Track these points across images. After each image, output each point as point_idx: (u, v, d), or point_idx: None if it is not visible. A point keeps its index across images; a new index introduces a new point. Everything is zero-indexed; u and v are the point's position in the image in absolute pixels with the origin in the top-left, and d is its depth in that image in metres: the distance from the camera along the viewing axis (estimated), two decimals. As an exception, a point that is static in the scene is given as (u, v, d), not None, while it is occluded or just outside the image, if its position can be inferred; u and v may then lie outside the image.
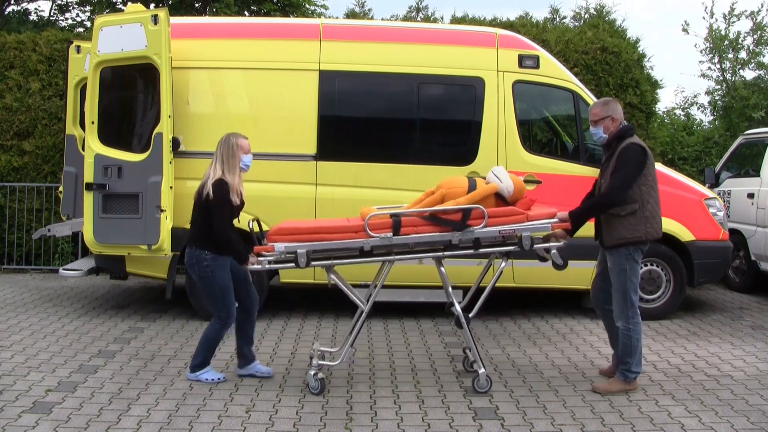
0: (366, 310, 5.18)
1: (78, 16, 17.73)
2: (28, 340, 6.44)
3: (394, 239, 4.98)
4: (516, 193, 5.24)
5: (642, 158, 5.03)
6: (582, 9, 13.65)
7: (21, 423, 4.48)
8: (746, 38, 14.01)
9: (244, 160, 5.25)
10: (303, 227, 5.09)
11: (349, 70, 7.38)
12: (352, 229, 5.03)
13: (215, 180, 5.11)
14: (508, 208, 5.14)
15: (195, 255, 5.19)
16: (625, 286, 5.14)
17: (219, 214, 5.09)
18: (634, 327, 5.14)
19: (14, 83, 10.36)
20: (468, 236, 5.02)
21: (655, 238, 5.15)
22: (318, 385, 5.09)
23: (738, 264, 9.33)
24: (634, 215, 5.03)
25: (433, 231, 5.03)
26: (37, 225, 10.00)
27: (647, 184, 5.06)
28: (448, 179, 5.44)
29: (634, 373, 5.20)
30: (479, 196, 5.10)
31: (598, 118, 5.21)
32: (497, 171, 5.27)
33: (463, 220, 4.98)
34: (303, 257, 4.91)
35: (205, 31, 7.67)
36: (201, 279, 5.22)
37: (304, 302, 8.30)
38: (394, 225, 4.97)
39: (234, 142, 5.19)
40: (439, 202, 5.17)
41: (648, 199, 5.07)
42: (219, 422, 4.56)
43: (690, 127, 13.25)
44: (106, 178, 6.83)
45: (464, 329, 5.17)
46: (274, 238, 5.00)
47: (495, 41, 7.54)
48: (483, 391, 5.11)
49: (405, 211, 5.14)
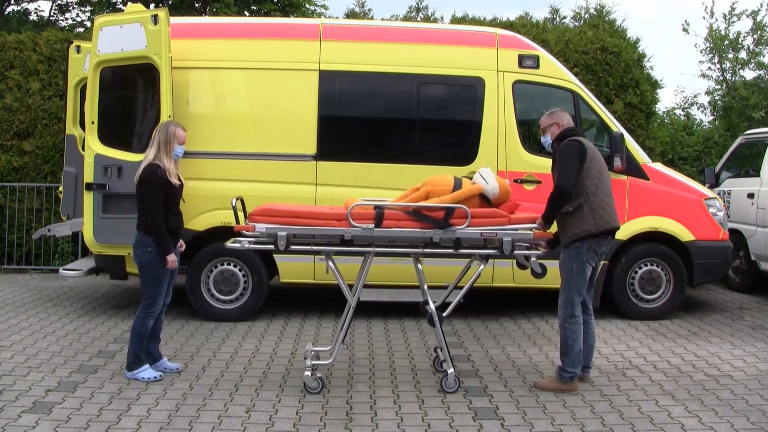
0: (352, 305, 5.18)
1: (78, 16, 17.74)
2: (28, 340, 6.44)
3: (376, 231, 4.95)
4: (501, 195, 5.23)
5: (578, 150, 5.10)
6: (582, 9, 13.67)
7: (21, 423, 4.47)
8: (746, 38, 14.01)
9: (177, 150, 5.33)
10: (285, 210, 5.06)
11: (349, 70, 7.38)
12: (335, 217, 5.02)
13: (147, 164, 5.22)
14: (490, 210, 5.12)
15: (142, 240, 5.25)
16: (569, 285, 5.15)
17: (149, 199, 5.19)
18: (570, 327, 5.15)
19: (14, 83, 10.36)
20: (449, 235, 5.01)
21: (607, 229, 5.11)
22: (317, 384, 5.09)
23: (738, 264, 9.33)
24: (581, 210, 5.06)
25: (415, 227, 5.02)
26: (37, 225, 10.00)
27: (590, 177, 5.08)
28: (434, 177, 5.41)
29: (569, 373, 5.18)
30: (464, 196, 5.09)
31: (545, 126, 5.40)
32: (484, 172, 5.27)
33: (446, 218, 4.97)
34: (283, 240, 4.90)
35: (205, 31, 7.67)
36: (140, 263, 5.29)
37: (304, 302, 8.30)
38: (376, 216, 4.94)
39: (172, 130, 5.31)
40: (423, 198, 5.17)
41: (594, 191, 5.08)
42: (219, 422, 4.56)
43: (690, 127, 13.25)
44: (106, 178, 6.84)
45: (436, 328, 5.17)
46: (256, 218, 4.99)
47: (495, 41, 7.54)
48: (451, 391, 5.11)
49: (388, 204, 5.15)
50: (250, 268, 7.34)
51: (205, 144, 7.21)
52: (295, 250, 5.09)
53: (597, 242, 5.12)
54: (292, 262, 7.27)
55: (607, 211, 5.12)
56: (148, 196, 5.19)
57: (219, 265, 7.36)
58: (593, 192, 5.08)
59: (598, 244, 5.14)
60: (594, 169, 5.12)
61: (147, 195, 5.19)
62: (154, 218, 5.18)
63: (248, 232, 4.96)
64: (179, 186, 5.34)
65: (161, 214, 5.20)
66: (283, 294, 8.68)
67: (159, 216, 5.19)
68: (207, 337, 6.67)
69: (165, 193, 5.21)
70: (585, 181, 5.08)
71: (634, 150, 7.59)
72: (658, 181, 7.60)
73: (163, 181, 5.18)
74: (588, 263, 5.15)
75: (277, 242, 4.92)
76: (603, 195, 5.13)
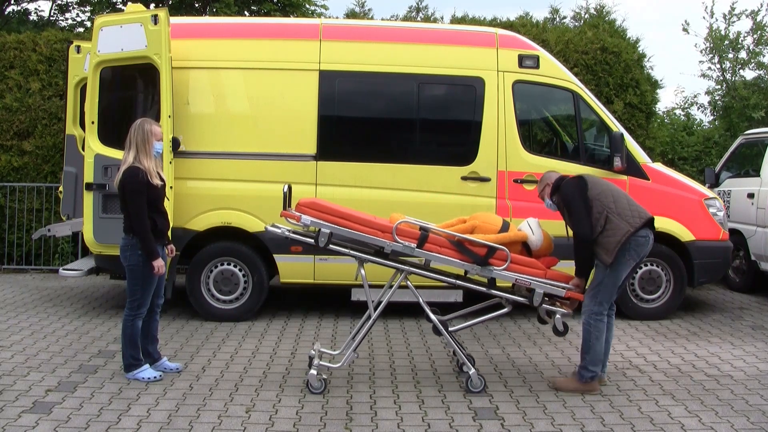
0: (374, 317, 5.20)
1: (78, 16, 17.73)
2: (28, 340, 6.44)
3: (416, 251, 5.05)
4: (542, 249, 5.33)
5: (575, 186, 5.19)
6: (582, 9, 13.65)
7: (21, 423, 4.48)
8: (746, 38, 14.01)
9: (156, 147, 5.28)
10: (333, 208, 5.11)
11: (349, 70, 7.38)
12: (379, 228, 5.09)
13: (126, 168, 5.16)
14: (530, 260, 5.23)
15: (130, 243, 5.21)
16: (607, 284, 5.16)
17: (132, 204, 5.13)
18: (595, 324, 5.16)
19: (14, 83, 10.36)
20: (485, 273, 5.12)
21: (643, 220, 5.12)
22: (320, 384, 5.10)
23: (738, 264, 9.33)
24: (610, 221, 5.08)
25: (454, 257, 5.11)
26: (37, 225, 10.00)
27: (601, 194, 5.14)
28: (482, 214, 5.60)
29: (590, 372, 5.18)
30: (508, 239, 5.20)
31: (540, 194, 5.48)
32: (531, 223, 5.38)
33: (486, 256, 5.07)
34: (325, 237, 4.97)
35: (205, 31, 7.67)
36: (129, 266, 5.24)
37: (304, 302, 8.30)
38: (420, 237, 5.05)
39: (148, 128, 5.23)
40: (469, 232, 5.27)
41: (613, 200, 5.15)
42: (219, 422, 4.56)
43: (690, 127, 13.24)
44: (106, 178, 6.83)
45: (443, 335, 5.25)
46: (303, 209, 5.03)
47: (495, 41, 7.54)
48: (477, 390, 5.12)
49: (435, 228, 5.22)
50: (250, 268, 7.34)
51: (205, 144, 7.22)
52: (332, 249, 5.12)
53: (637, 241, 5.13)
54: (292, 262, 7.28)
55: (633, 208, 5.18)
56: (130, 201, 5.13)
57: (219, 265, 7.35)
58: (611, 201, 5.13)
59: (638, 243, 5.15)
60: (599, 185, 5.21)
61: (129, 200, 5.13)
62: (138, 223, 5.12)
63: (293, 221, 5.02)
64: (161, 186, 5.29)
65: (145, 219, 5.13)
66: (283, 294, 8.68)
67: (143, 221, 5.12)
68: (207, 337, 6.67)
69: (147, 195, 5.15)
70: (600, 199, 5.12)
71: (634, 150, 7.59)
72: (658, 181, 7.59)
73: (144, 183, 5.12)
74: (629, 263, 5.17)
75: (318, 237, 4.98)
76: (622, 199, 5.20)
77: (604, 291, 5.17)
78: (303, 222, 4.98)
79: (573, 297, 5.20)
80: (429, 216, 7.17)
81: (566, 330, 5.25)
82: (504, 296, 5.31)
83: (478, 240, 5.10)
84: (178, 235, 6.96)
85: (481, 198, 7.34)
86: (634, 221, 5.10)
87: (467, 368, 5.20)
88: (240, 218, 7.24)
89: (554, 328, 5.24)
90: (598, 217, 5.08)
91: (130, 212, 5.16)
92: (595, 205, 5.10)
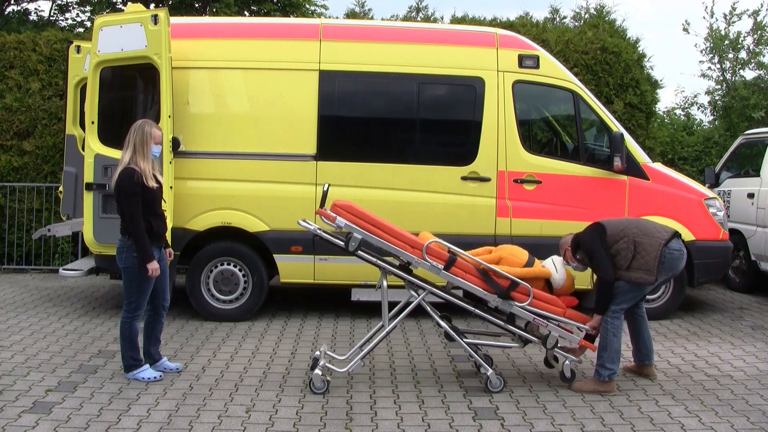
0: (387, 329, 5.20)
1: (78, 16, 17.69)
2: (28, 340, 6.44)
3: (442, 273, 5.08)
4: (564, 288, 5.39)
5: (593, 234, 5.27)
6: (582, 9, 13.65)
7: (21, 423, 4.48)
8: (746, 38, 14.00)
9: (154, 150, 5.25)
10: (368, 215, 5.12)
11: (349, 70, 7.38)
12: (409, 242, 5.13)
13: (122, 169, 5.13)
14: (551, 296, 5.28)
15: (127, 245, 5.18)
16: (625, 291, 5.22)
17: (128, 206, 5.11)
18: (611, 320, 5.20)
19: (14, 83, 10.36)
20: (505, 307, 5.14)
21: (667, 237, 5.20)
22: (323, 385, 5.11)
23: (738, 264, 9.33)
24: (637, 257, 5.14)
25: (478, 285, 5.13)
26: (37, 225, 10.00)
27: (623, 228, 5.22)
28: (510, 246, 5.68)
29: (608, 370, 5.18)
30: (532, 275, 5.24)
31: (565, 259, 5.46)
32: (556, 260, 5.44)
33: (509, 289, 5.11)
34: (356, 242, 5.00)
35: (205, 31, 7.67)
36: (125, 268, 5.21)
37: (304, 302, 8.30)
38: (449, 261, 5.08)
39: (147, 130, 5.20)
40: (495, 262, 5.33)
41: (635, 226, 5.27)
42: (219, 422, 4.56)
43: (690, 127, 13.25)
44: (106, 178, 6.82)
45: (456, 341, 5.27)
46: (338, 210, 5.04)
47: (495, 41, 7.54)
48: (497, 390, 5.15)
49: (463, 253, 5.25)
50: (250, 268, 7.34)
51: (205, 144, 7.22)
52: (360, 255, 5.15)
53: (672, 255, 5.21)
54: (292, 262, 7.28)
55: (656, 226, 5.30)
56: (126, 203, 5.10)
57: (219, 265, 7.35)
58: (634, 227, 5.24)
59: (673, 257, 5.22)
60: (617, 224, 5.32)
61: (125, 202, 5.10)
62: (133, 226, 5.09)
63: (328, 220, 5.03)
64: (158, 188, 5.25)
65: (140, 220, 5.10)
66: (283, 294, 8.68)
67: (139, 223, 5.09)
68: (207, 337, 6.67)
69: (143, 197, 5.12)
70: (625, 233, 5.19)
71: (634, 150, 7.58)
72: (658, 181, 7.59)
73: (140, 185, 5.09)
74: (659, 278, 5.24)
75: (349, 241, 5.03)
76: (642, 222, 5.37)
77: (624, 297, 5.22)
78: (337, 223, 4.99)
79: (585, 346, 5.27)
80: (429, 216, 7.22)
81: (573, 377, 5.32)
82: (518, 333, 5.34)
83: (503, 272, 5.13)
84: (178, 235, 6.96)
85: (481, 198, 7.34)
86: (662, 234, 5.19)
87: (484, 369, 5.21)
88: (240, 218, 7.24)
89: (561, 373, 5.34)
90: (626, 247, 5.15)
91: (125, 214, 5.15)
92: (621, 240, 5.17)
